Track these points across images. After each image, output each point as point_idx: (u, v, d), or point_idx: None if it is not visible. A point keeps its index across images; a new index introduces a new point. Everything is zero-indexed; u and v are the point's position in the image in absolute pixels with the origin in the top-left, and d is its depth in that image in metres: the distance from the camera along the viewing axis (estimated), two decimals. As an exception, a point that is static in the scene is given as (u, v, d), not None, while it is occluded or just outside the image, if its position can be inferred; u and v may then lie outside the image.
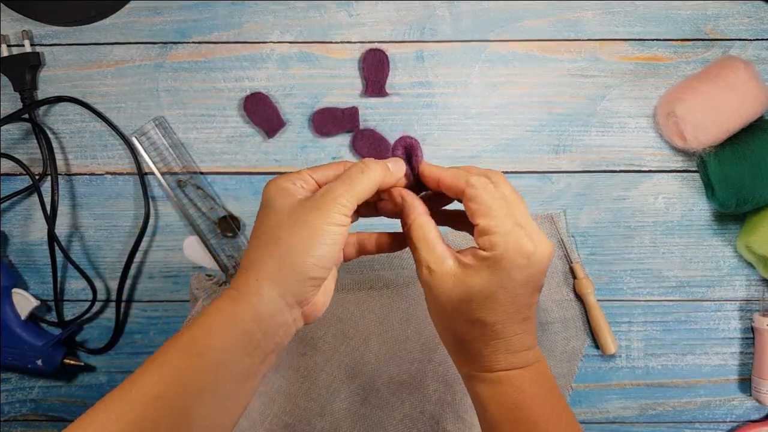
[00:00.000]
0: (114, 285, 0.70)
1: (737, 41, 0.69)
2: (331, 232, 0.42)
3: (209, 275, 0.69)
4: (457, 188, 0.44)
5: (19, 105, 0.68)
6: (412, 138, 0.48)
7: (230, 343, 0.41)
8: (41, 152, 0.69)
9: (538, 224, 0.68)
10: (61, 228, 0.70)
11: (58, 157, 0.69)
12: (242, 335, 0.41)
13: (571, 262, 0.68)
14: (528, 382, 0.44)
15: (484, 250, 0.42)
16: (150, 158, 0.68)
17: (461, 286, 0.42)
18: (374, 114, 0.69)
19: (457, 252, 0.44)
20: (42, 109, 0.70)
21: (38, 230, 0.70)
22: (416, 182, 0.48)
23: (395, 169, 0.46)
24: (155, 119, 0.69)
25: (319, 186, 0.46)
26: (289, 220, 0.42)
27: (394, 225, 0.48)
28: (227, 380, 0.41)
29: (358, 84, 0.69)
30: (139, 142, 0.68)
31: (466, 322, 0.43)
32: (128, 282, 0.69)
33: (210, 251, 0.69)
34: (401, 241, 0.48)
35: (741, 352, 0.70)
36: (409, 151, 0.47)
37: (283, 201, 0.43)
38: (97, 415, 0.39)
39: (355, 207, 0.43)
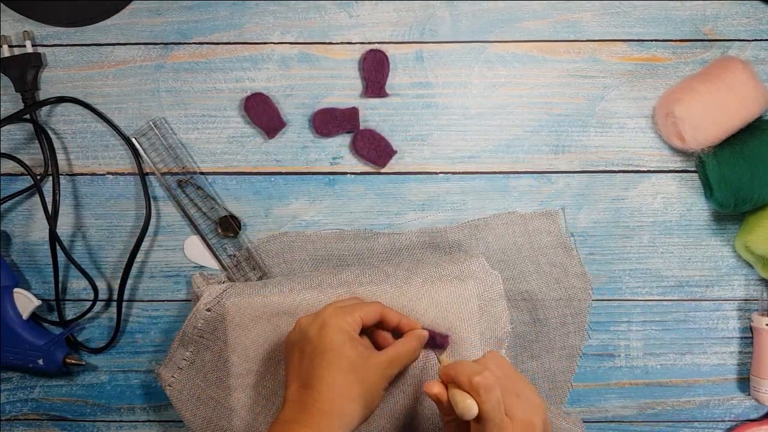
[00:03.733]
0: (115, 284, 0.70)
1: (736, 42, 0.69)
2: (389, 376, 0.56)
3: (210, 275, 0.69)
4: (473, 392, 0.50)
5: (21, 105, 0.69)
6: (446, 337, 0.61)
7: None
8: (42, 152, 0.69)
9: (536, 221, 0.69)
10: (63, 228, 0.70)
11: (60, 157, 0.70)
12: None
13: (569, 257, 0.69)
14: None
15: None
16: (151, 158, 0.69)
17: None
18: (374, 114, 0.69)
19: None
20: (43, 110, 0.70)
21: (40, 230, 0.70)
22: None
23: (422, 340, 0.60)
24: (156, 120, 0.69)
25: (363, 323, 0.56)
26: (360, 375, 0.53)
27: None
28: None
29: (358, 85, 0.69)
30: (140, 143, 0.69)
31: None
32: (129, 281, 0.70)
33: (211, 251, 0.69)
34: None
35: (740, 352, 0.70)
36: (440, 343, 0.61)
37: (351, 350, 0.53)
38: None
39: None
